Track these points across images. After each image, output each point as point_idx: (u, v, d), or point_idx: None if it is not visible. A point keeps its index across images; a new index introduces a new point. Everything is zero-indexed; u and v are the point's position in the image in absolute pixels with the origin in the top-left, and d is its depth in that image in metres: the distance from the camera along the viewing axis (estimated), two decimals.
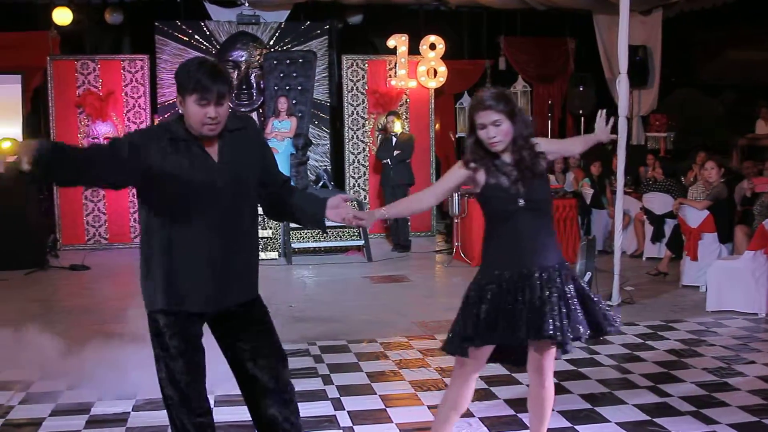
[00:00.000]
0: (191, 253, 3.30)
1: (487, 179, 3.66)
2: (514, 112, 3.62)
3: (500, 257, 3.69)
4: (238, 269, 3.40)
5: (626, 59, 7.91)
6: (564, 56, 14.62)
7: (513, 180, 3.62)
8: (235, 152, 3.37)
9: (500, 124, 3.58)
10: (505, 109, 3.59)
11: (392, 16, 13.51)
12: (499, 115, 3.58)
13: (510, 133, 3.60)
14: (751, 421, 4.76)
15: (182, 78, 3.26)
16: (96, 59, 11.92)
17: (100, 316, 7.48)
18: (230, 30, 12.60)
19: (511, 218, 3.64)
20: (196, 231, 3.30)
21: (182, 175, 3.24)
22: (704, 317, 7.43)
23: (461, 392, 3.80)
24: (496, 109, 3.58)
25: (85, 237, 11.84)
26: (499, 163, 3.66)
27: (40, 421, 4.88)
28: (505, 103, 3.61)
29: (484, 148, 3.65)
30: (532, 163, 3.63)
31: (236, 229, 3.38)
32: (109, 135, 11.74)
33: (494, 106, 3.59)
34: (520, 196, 3.61)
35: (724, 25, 13.59)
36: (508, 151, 3.65)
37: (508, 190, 3.62)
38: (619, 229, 8.07)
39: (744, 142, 12.99)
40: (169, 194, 3.27)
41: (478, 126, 3.63)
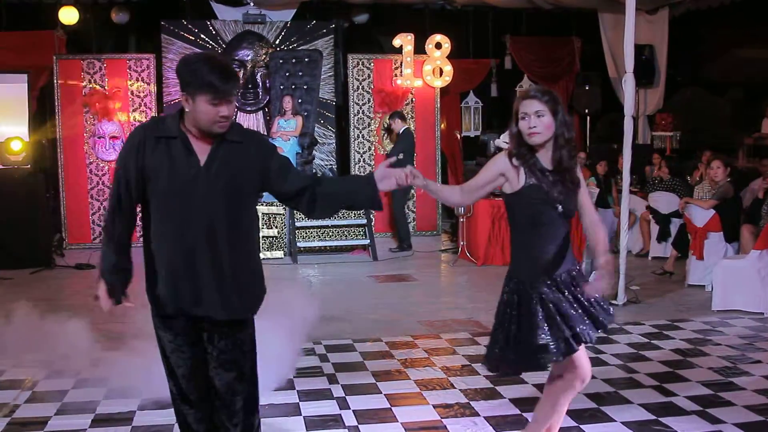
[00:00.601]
0: (163, 254, 3.28)
1: (527, 179, 3.63)
2: (557, 110, 3.61)
3: (536, 264, 3.66)
4: (209, 281, 3.25)
5: (632, 58, 7.90)
6: (570, 55, 14.59)
7: (551, 184, 3.61)
8: (226, 161, 3.26)
9: (543, 115, 3.58)
10: (550, 102, 3.60)
11: (398, 15, 13.51)
12: (542, 105, 3.58)
13: (551, 129, 3.60)
14: (757, 421, 4.75)
15: (188, 76, 3.21)
16: (102, 58, 11.94)
17: (105, 314, 7.47)
18: (236, 29, 12.60)
19: (546, 224, 3.63)
20: (168, 231, 3.25)
21: (162, 173, 3.21)
22: (710, 317, 7.42)
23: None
24: (540, 100, 3.59)
25: (90, 236, 11.85)
26: (539, 164, 3.64)
27: (46, 420, 4.90)
28: (550, 98, 3.62)
29: (526, 144, 3.64)
30: (570, 166, 3.63)
31: (214, 239, 3.24)
32: (115, 134, 11.77)
33: (539, 97, 3.60)
34: (559, 202, 3.62)
35: (730, 24, 13.56)
36: (548, 151, 3.64)
37: (548, 193, 3.61)
38: (625, 228, 8.05)
39: (750, 141, 12.95)
40: (151, 191, 3.25)
41: (520, 116, 3.62)
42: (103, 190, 11.81)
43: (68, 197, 11.79)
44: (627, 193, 8.09)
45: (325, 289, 9.07)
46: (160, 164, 3.20)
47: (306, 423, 4.81)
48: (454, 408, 5.01)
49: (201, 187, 3.20)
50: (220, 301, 3.28)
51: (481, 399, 5.19)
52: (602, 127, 14.82)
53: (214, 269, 3.25)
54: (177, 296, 3.28)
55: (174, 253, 3.25)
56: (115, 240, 3.36)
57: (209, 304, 3.28)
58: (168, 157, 3.21)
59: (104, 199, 11.81)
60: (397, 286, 9.07)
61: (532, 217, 3.65)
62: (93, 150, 11.79)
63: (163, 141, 3.23)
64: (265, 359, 3.71)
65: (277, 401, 5.13)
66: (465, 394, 5.28)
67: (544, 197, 3.60)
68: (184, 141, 3.24)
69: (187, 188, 3.20)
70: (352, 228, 11.12)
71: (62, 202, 11.78)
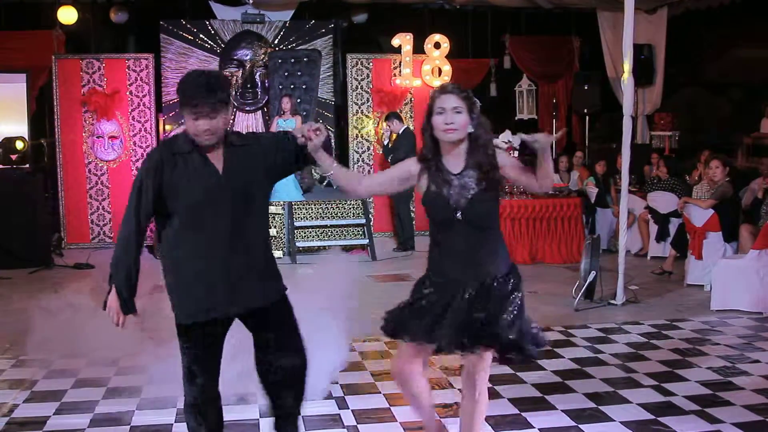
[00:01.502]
0: (196, 263, 3.48)
1: (428, 185, 3.58)
2: (474, 109, 3.53)
3: (438, 265, 3.63)
4: (242, 277, 3.52)
5: (631, 58, 7.90)
6: (569, 55, 14.60)
7: (454, 188, 3.52)
8: (239, 163, 3.51)
9: (460, 111, 3.49)
10: (467, 100, 3.52)
11: (397, 14, 13.51)
12: (460, 102, 3.50)
13: (466, 127, 3.51)
14: (756, 421, 4.75)
15: (179, 92, 3.49)
16: (101, 58, 11.93)
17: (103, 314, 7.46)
18: (235, 29, 12.60)
19: (449, 229, 3.56)
20: (198, 240, 3.46)
21: (185, 186, 3.42)
22: (709, 316, 7.42)
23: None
24: (459, 96, 3.51)
25: (89, 236, 11.84)
26: (444, 168, 3.56)
27: (45, 420, 4.89)
28: (468, 96, 3.54)
29: (436, 144, 3.56)
30: (490, 168, 3.53)
31: (241, 237, 3.49)
32: (114, 134, 11.76)
33: (458, 92, 3.52)
34: (459, 209, 3.51)
35: (729, 24, 13.56)
36: (460, 152, 3.56)
37: (448, 200, 3.53)
38: (624, 227, 8.06)
39: (749, 141, 12.96)
40: (174, 206, 3.45)
41: (437, 111, 3.52)
42: (102, 190, 11.81)
43: (67, 197, 11.78)
44: (626, 193, 8.10)
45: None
46: (180, 179, 3.42)
47: (305, 423, 4.80)
48: (453, 408, 5.01)
49: (224, 192, 3.45)
50: (255, 292, 3.56)
51: None
52: (601, 127, 14.82)
53: (244, 266, 3.52)
54: (212, 301, 3.50)
55: (205, 259, 3.48)
56: (131, 251, 3.53)
57: (246, 299, 3.54)
58: (187, 171, 3.44)
59: (103, 199, 11.82)
60: (397, 286, 9.06)
61: (436, 222, 3.62)
62: (92, 150, 11.78)
63: (180, 157, 3.46)
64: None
65: None
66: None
67: (444, 203, 3.54)
68: (200, 154, 3.46)
69: (211, 196, 3.43)
70: (351, 228, 11.12)
71: (61, 202, 11.77)
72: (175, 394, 5.20)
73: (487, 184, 3.54)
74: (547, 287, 8.70)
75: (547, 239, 10.31)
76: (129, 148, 11.88)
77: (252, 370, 3.87)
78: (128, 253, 3.51)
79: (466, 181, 3.54)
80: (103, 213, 11.85)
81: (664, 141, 13.64)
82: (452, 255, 3.58)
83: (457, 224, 3.53)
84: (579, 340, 6.61)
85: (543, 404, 5.09)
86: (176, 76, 12.25)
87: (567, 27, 14.45)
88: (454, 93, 3.52)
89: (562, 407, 5.00)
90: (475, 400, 3.77)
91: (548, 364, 5.90)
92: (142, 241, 3.54)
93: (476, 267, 3.56)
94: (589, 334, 6.79)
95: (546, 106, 14.71)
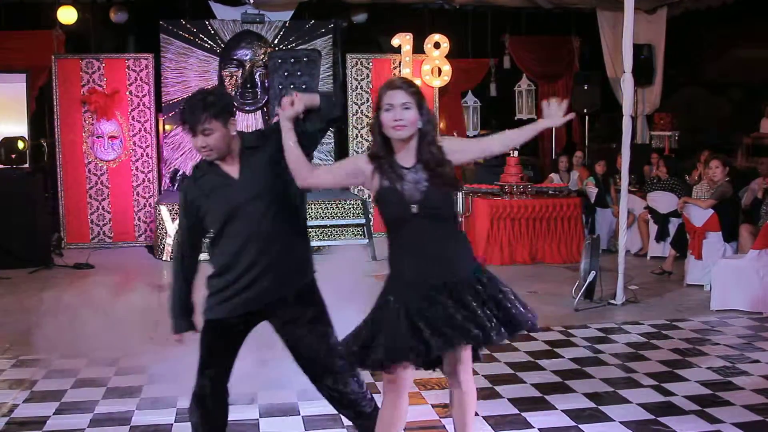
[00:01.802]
0: (225, 267, 3.69)
1: (381, 182, 3.48)
2: (423, 104, 3.45)
3: (401, 266, 3.52)
4: (274, 268, 3.67)
5: (631, 58, 7.90)
6: (568, 55, 14.59)
7: (408, 183, 3.43)
8: (254, 166, 3.66)
9: (409, 107, 3.39)
10: (416, 95, 3.42)
11: (397, 14, 13.50)
12: (409, 97, 3.40)
13: (415, 124, 3.42)
14: (756, 421, 4.76)
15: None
16: (101, 58, 11.92)
17: (103, 314, 7.47)
18: (235, 29, 12.59)
19: (407, 226, 3.46)
20: (232, 245, 3.65)
21: (209, 205, 3.65)
22: (709, 316, 7.42)
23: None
24: (407, 92, 3.41)
25: (89, 236, 11.84)
26: (395, 164, 3.47)
27: (44, 420, 4.89)
28: (417, 91, 3.45)
29: (387, 142, 3.47)
30: (437, 165, 3.44)
31: (270, 232, 3.64)
32: (113, 134, 11.76)
33: (406, 88, 3.43)
34: (414, 202, 3.41)
35: (729, 24, 13.56)
36: (410, 148, 3.47)
37: (402, 194, 3.42)
38: (624, 227, 8.05)
39: (749, 141, 12.96)
40: (209, 222, 3.70)
41: (385, 107, 3.41)
42: (101, 190, 11.80)
43: (67, 197, 11.77)
44: (626, 193, 8.10)
45: (323, 288, 9.03)
46: (206, 199, 3.66)
47: (305, 423, 4.81)
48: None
49: (244, 193, 3.61)
50: (287, 281, 3.73)
51: (480, 398, 5.14)
52: (601, 127, 14.82)
53: (268, 264, 3.66)
54: (232, 299, 3.68)
55: (235, 262, 3.66)
56: (177, 279, 3.85)
57: (279, 288, 3.71)
58: (210, 189, 3.65)
59: (103, 199, 11.81)
60: None
61: (392, 219, 3.52)
62: (92, 150, 11.77)
63: (200, 180, 3.70)
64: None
65: (276, 401, 5.12)
66: None
67: (398, 198, 3.43)
68: (214, 169, 3.67)
69: (232, 206, 3.61)
70: (351, 228, 11.12)
71: (61, 202, 11.77)
72: (175, 394, 5.22)
73: (439, 178, 3.44)
74: (547, 287, 8.71)
75: (547, 239, 10.31)
76: (129, 148, 11.87)
77: (251, 370, 3.89)
78: (176, 281, 3.84)
79: (419, 174, 3.45)
80: (103, 213, 11.84)
81: (664, 141, 13.64)
82: (412, 253, 3.47)
83: (414, 219, 3.42)
84: (579, 340, 6.61)
85: (543, 404, 5.09)
86: (176, 76, 12.24)
87: (567, 27, 14.44)
88: (402, 88, 3.42)
89: (561, 407, 5.00)
90: (462, 394, 3.69)
91: (548, 364, 5.91)
92: (190, 264, 3.82)
93: (438, 263, 3.45)
94: (589, 334, 6.80)
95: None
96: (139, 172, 11.94)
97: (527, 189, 10.54)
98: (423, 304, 3.41)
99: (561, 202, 10.36)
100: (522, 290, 8.52)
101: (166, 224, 10.63)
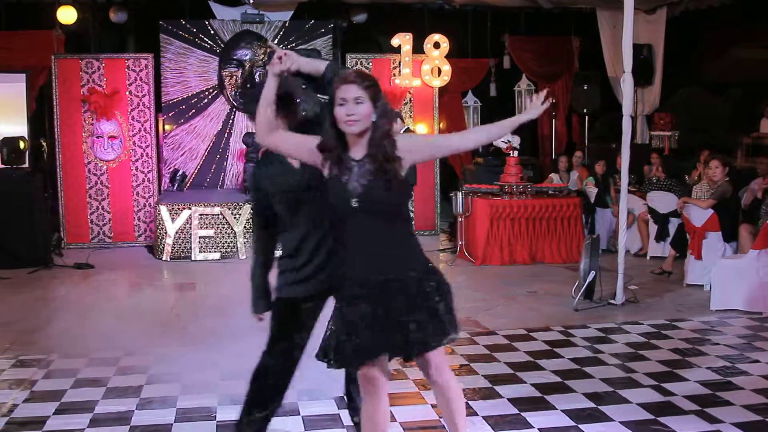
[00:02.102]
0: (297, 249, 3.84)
1: (330, 171, 3.44)
2: (378, 97, 3.40)
3: (348, 263, 3.50)
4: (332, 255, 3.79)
5: (630, 58, 7.91)
6: (568, 55, 14.58)
7: (354, 176, 3.39)
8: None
9: (361, 102, 3.35)
10: (370, 89, 3.38)
11: (397, 14, 13.49)
12: (362, 92, 3.35)
13: (369, 118, 3.37)
14: (755, 420, 4.76)
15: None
16: (100, 58, 11.92)
17: (103, 314, 7.49)
18: (234, 29, 12.59)
19: (350, 220, 3.43)
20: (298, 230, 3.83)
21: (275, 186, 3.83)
22: (708, 316, 7.42)
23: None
24: (360, 86, 3.36)
25: (89, 236, 11.84)
26: (345, 157, 3.43)
27: (44, 420, 4.89)
28: (371, 84, 3.40)
29: (341, 136, 3.42)
30: (385, 160, 3.38)
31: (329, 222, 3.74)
32: (113, 134, 11.76)
33: (359, 82, 3.37)
34: (355, 196, 3.37)
35: (728, 24, 13.56)
36: (363, 141, 3.42)
37: (345, 187, 3.39)
38: (624, 227, 8.05)
39: (749, 141, 12.96)
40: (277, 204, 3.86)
41: (338, 102, 3.37)
42: (101, 190, 11.80)
43: (67, 197, 11.77)
44: (625, 193, 8.10)
45: None
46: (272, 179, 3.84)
47: (305, 422, 4.81)
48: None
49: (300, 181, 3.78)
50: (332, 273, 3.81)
51: (480, 398, 5.19)
52: (601, 127, 14.82)
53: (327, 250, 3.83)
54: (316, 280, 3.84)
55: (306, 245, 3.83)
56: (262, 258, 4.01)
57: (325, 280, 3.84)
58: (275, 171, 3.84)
59: (102, 199, 11.81)
60: None
61: (337, 213, 3.49)
62: (91, 150, 11.77)
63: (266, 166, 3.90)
64: None
65: None
66: (463, 393, 5.26)
67: (341, 189, 3.40)
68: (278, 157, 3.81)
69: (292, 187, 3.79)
70: None
71: (61, 202, 11.76)
72: (174, 394, 5.22)
73: (384, 174, 3.38)
74: (547, 287, 8.71)
75: (547, 239, 10.31)
76: (128, 147, 11.87)
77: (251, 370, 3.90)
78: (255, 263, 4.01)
79: (364, 168, 3.40)
80: (103, 213, 11.84)
81: (664, 141, 13.63)
82: (355, 249, 3.46)
83: (356, 214, 3.40)
84: (578, 340, 6.61)
85: (543, 404, 5.09)
86: (176, 75, 12.25)
87: (567, 27, 14.43)
88: (355, 82, 3.37)
89: (561, 407, 5.00)
90: (443, 392, 3.66)
91: (548, 364, 5.91)
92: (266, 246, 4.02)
93: (376, 262, 3.43)
94: (589, 334, 6.80)
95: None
96: (138, 172, 11.93)
97: (527, 189, 10.54)
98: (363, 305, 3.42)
99: (561, 202, 10.36)
100: (522, 290, 8.61)
101: (166, 224, 10.64)
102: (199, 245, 10.66)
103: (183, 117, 12.30)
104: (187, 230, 10.70)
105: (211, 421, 4.82)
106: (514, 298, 8.24)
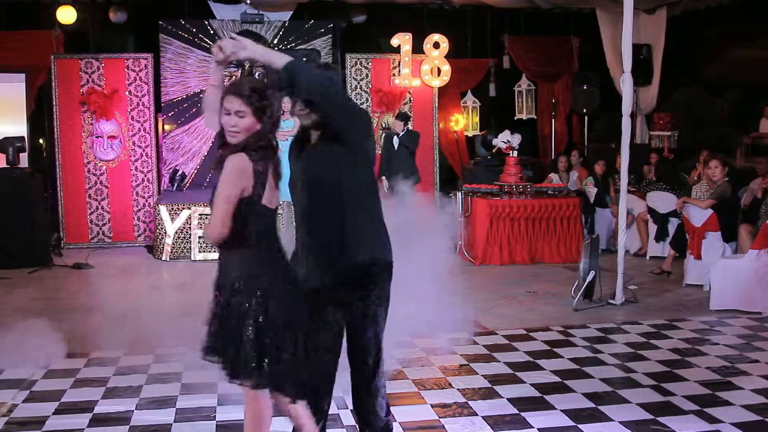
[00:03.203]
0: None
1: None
2: (264, 111, 3.38)
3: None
4: (309, 252, 3.75)
5: (630, 58, 7.90)
6: (568, 55, 14.59)
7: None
8: (305, 155, 3.91)
9: (243, 116, 3.34)
10: (254, 104, 3.35)
11: (396, 14, 13.50)
12: (245, 106, 3.34)
13: (249, 131, 3.36)
14: (755, 420, 4.76)
15: None
16: (100, 58, 11.93)
17: (103, 314, 7.48)
18: (234, 29, 12.58)
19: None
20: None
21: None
22: (708, 316, 7.42)
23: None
24: (244, 100, 3.34)
25: (89, 235, 11.84)
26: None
27: (44, 420, 4.89)
28: (257, 98, 3.37)
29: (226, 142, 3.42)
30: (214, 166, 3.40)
31: (310, 219, 3.83)
32: (113, 134, 11.76)
33: (243, 96, 3.34)
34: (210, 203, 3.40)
35: (728, 24, 13.56)
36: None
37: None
38: (623, 227, 8.06)
39: (748, 141, 12.97)
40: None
41: (224, 111, 3.37)
42: (101, 190, 11.81)
43: (66, 197, 11.78)
44: (625, 193, 8.10)
45: None
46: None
47: None
48: (452, 407, 5.01)
49: (290, 178, 3.91)
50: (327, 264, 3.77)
51: (479, 398, 5.19)
52: (600, 127, 14.82)
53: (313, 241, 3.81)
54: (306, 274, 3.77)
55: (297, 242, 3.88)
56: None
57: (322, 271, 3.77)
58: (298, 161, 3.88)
59: (102, 199, 11.82)
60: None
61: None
62: (91, 149, 11.78)
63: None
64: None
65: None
66: (463, 393, 5.28)
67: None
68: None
69: (290, 186, 3.88)
70: None
71: (60, 202, 11.77)
72: (174, 394, 5.22)
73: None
74: (547, 287, 8.71)
75: (547, 239, 10.31)
76: (128, 147, 11.88)
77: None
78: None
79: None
80: (102, 213, 11.85)
81: (663, 141, 13.64)
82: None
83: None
84: (578, 340, 6.61)
85: (542, 404, 5.09)
86: (175, 75, 12.25)
87: (566, 27, 14.44)
88: (238, 96, 3.35)
89: (561, 407, 5.00)
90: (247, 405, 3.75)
91: (548, 364, 5.91)
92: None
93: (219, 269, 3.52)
94: (589, 334, 6.80)
95: (545, 106, 14.70)
96: (138, 172, 11.94)
97: (526, 189, 10.55)
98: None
99: (560, 202, 10.36)
100: (521, 290, 8.61)
101: (166, 224, 10.64)
102: (199, 245, 10.66)
103: (182, 117, 12.29)
104: (186, 230, 10.70)
105: (211, 421, 4.82)
106: (514, 298, 8.24)
